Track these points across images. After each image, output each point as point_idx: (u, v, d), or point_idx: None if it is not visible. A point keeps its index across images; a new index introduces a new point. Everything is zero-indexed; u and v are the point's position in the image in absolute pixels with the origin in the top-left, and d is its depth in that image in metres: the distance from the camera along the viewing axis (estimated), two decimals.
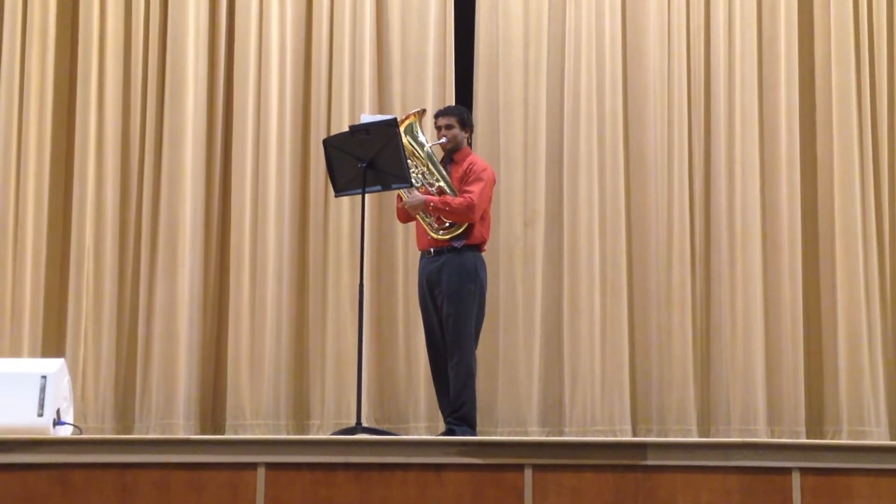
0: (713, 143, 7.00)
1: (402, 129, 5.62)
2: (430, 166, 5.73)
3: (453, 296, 5.61)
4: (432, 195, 5.66)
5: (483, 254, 5.78)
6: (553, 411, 6.78)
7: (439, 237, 5.66)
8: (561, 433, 6.69)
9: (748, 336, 6.81)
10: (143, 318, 6.73)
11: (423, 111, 5.94)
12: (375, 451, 4.38)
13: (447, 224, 5.65)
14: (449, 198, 5.64)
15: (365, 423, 5.71)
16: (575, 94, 6.96)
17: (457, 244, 5.64)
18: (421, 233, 5.79)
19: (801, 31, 7.08)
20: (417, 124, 5.78)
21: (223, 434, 6.54)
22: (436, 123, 5.86)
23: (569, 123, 6.95)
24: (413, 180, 5.64)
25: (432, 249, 5.71)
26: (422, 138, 5.77)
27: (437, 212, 5.64)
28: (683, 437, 6.59)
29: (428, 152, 5.75)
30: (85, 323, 6.67)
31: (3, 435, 4.43)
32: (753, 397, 6.73)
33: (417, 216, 5.71)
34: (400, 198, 5.77)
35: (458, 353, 5.59)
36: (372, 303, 6.72)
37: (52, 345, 6.69)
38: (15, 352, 6.56)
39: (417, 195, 5.65)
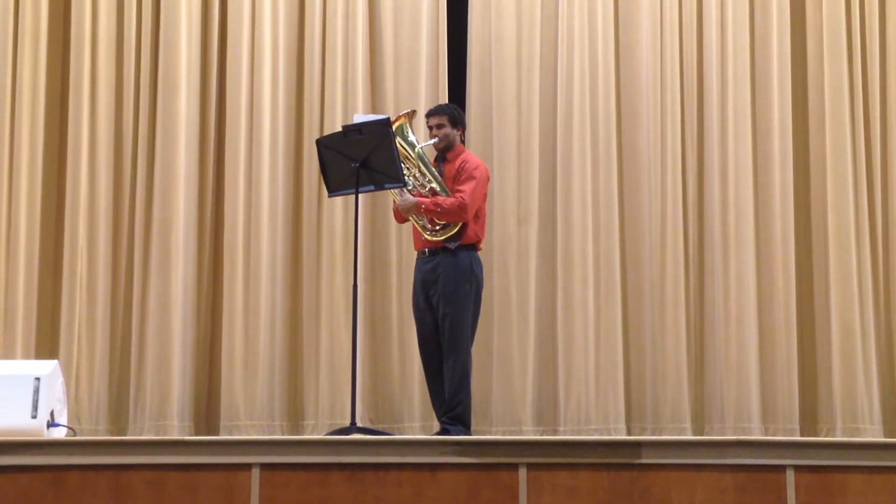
0: (706, 142, 7.01)
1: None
2: (422, 167, 5.70)
3: (449, 295, 5.59)
4: (424, 197, 5.65)
5: (479, 252, 5.77)
6: (547, 410, 6.79)
7: (433, 238, 5.64)
8: (555, 432, 6.70)
9: (742, 334, 6.81)
10: (137, 319, 6.72)
11: (413, 112, 5.93)
12: (370, 450, 4.38)
13: (440, 225, 5.64)
14: (440, 199, 5.61)
15: (359, 423, 5.70)
16: (568, 92, 6.96)
17: (451, 245, 5.62)
18: (417, 233, 5.76)
19: (794, 29, 7.09)
20: (408, 125, 5.76)
21: (217, 435, 6.54)
22: (427, 123, 5.83)
23: (562, 122, 6.96)
24: (406, 182, 5.64)
25: (427, 250, 5.69)
26: (412, 139, 5.74)
27: (429, 213, 5.61)
28: (678, 435, 6.60)
29: (419, 153, 5.72)
30: (78, 324, 6.66)
31: None
32: (747, 395, 6.74)
33: (411, 218, 5.70)
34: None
35: (455, 353, 5.57)
36: (366, 303, 6.72)
37: (46, 346, 6.68)
38: (8, 353, 6.55)
39: (409, 198, 5.63)
